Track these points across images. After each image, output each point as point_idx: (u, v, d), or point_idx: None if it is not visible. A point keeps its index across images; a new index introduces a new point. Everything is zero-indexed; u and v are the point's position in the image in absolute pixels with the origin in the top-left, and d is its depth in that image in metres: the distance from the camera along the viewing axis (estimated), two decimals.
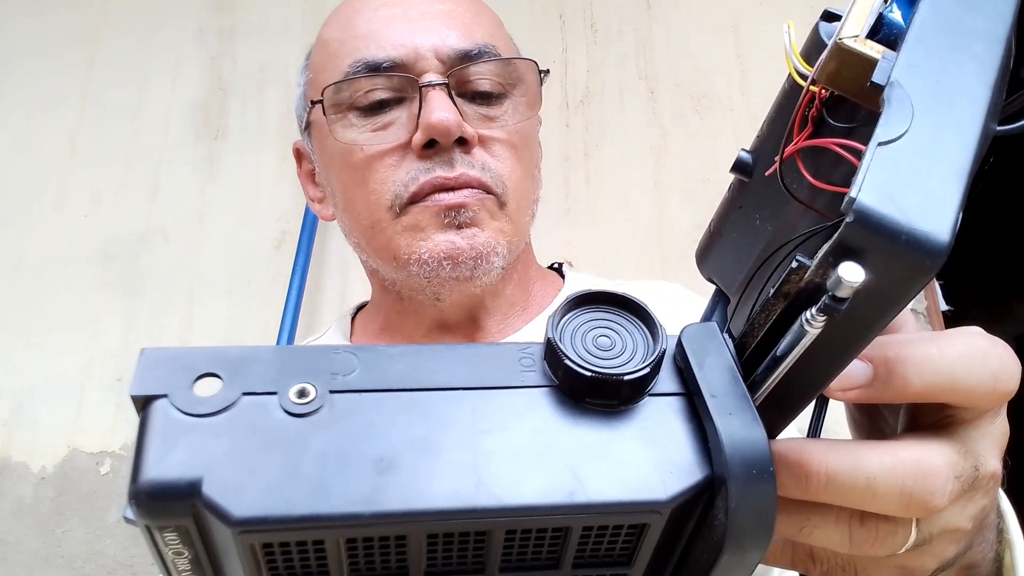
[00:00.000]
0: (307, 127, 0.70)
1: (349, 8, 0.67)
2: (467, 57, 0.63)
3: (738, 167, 0.34)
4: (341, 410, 0.25)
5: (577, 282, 0.78)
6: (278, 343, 1.44)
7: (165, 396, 0.24)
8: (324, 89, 0.64)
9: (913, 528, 0.29)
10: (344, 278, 1.60)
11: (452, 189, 0.62)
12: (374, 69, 0.62)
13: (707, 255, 0.40)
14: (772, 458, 0.25)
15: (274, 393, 0.25)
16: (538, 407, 0.26)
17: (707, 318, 0.40)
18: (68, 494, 1.53)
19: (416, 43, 0.62)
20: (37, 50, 1.87)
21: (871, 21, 0.27)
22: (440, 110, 0.60)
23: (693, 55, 1.65)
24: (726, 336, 0.28)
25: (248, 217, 1.68)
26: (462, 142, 0.62)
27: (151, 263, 1.68)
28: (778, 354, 0.26)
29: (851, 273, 0.22)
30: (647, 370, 0.26)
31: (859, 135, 0.26)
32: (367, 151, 0.63)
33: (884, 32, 0.27)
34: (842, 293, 0.22)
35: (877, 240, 0.22)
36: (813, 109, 0.28)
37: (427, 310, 0.69)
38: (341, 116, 0.63)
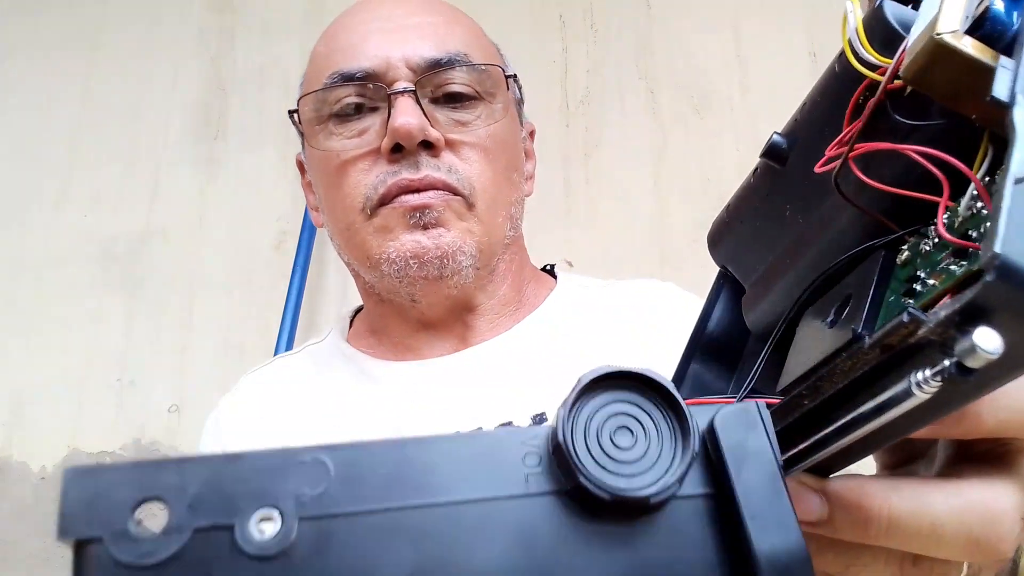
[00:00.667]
0: (302, 138, 0.73)
1: (337, 24, 0.71)
2: (437, 65, 0.65)
3: (771, 153, 0.31)
4: (315, 544, 0.21)
5: (569, 283, 0.79)
6: (278, 343, 1.44)
7: (100, 540, 0.20)
8: (300, 99, 0.69)
9: (966, 564, 0.28)
10: (344, 278, 1.60)
11: (417, 191, 0.64)
12: (348, 79, 0.65)
13: (722, 240, 0.37)
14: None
15: (230, 527, 0.21)
16: (546, 522, 0.22)
17: (712, 303, 0.38)
18: None
19: (389, 54, 0.65)
20: (37, 50, 1.87)
21: (973, 13, 0.22)
22: (404, 115, 0.62)
23: (693, 55, 1.65)
24: (766, 422, 0.24)
25: (248, 217, 1.68)
26: (428, 146, 0.64)
27: (151, 263, 1.68)
28: (861, 413, 0.23)
29: (989, 342, 0.19)
30: (676, 486, 0.22)
31: (925, 134, 0.24)
32: (342, 156, 0.66)
33: (987, 28, 0.22)
34: (974, 363, 0.19)
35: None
36: (875, 98, 0.25)
37: (408, 311, 0.71)
38: (322, 126, 0.67)
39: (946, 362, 0.20)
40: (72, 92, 1.82)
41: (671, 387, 0.24)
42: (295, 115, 0.70)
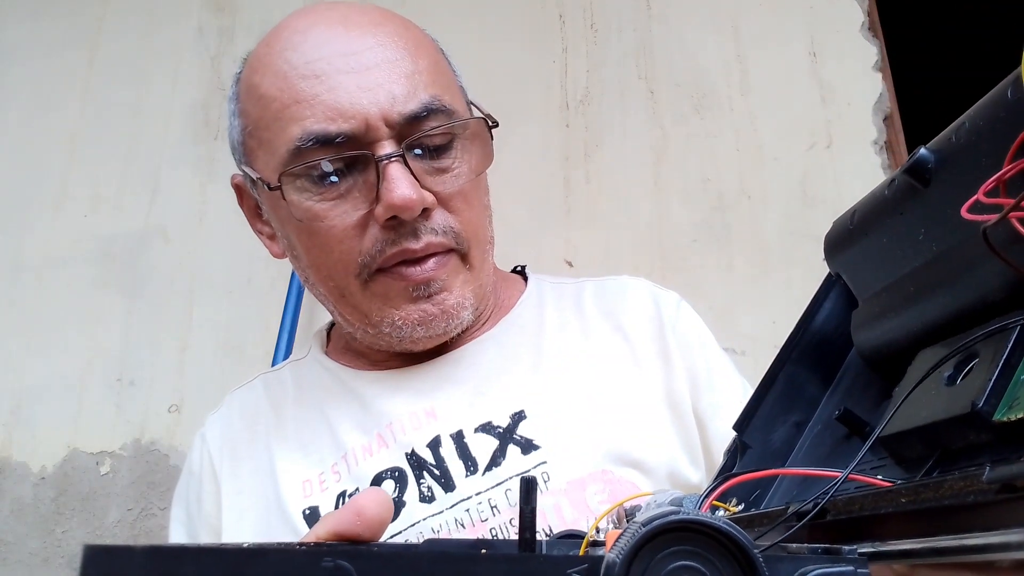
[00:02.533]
0: (246, 164, 0.69)
1: (282, 60, 0.64)
2: (415, 118, 0.62)
3: (915, 171, 0.28)
4: None
5: (541, 283, 0.79)
6: (278, 343, 1.44)
7: None
8: (272, 158, 0.63)
9: None
10: None
11: (418, 259, 0.63)
12: (326, 143, 0.61)
13: (841, 249, 0.35)
14: None
15: None
16: None
17: (817, 304, 0.37)
18: (68, 494, 1.53)
19: (365, 110, 0.60)
20: (37, 50, 1.87)
21: None
22: (401, 188, 0.60)
23: (693, 55, 1.65)
24: None
25: None
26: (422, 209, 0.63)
27: (151, 263, 1.68)
28: (969, 546, 0.20)
29: None
30: None
31: None
32: (329, 221, 0.63)
33: None
34: None
35: None
36: None
37: (395, 346, 0.71)
38: (291, 180, 0.63)
39: None
40: (72, 92, 1.82)
41: (746, 541, 0.20)
42: (246, 168, 0.65)
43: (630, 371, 0.70)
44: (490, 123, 0.67)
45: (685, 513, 0.20)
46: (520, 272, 0.83)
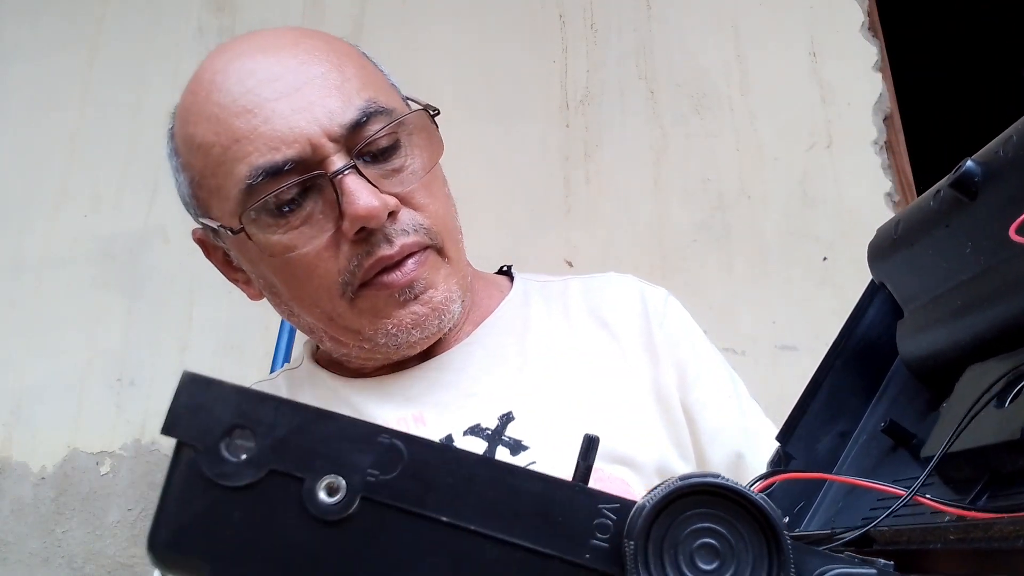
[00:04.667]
0: (203, 216, 0.68)
1: (211, 104, 0.63)
2: (357, 125, 0.61)
3: (961, 184, 0.27)
4: (367, 527, 0.22)
5: (526, 283, 0.78)
6: (277, 343, 1.44)
7: (193, 448, 0.23)
8: (227, 203, 0.63)
9: None
10: None
11: (397, 263, 0.63)
12: (274, 173, 0.60)
13: (886, 257, 0.35)
14: None
15: (302, 479, 0.22)
16: None
17: (860, 312, 0.36)
18: (68, 494, 1.53)
19: (305, 132, 0.59)
20: (37, 50, 1.87)
21: None
22: (362, 198, 0.59)
23: (693, 55, 1.65)
24: None
25: None
26: (389, 214, 0.62)
27: (151, 263, 1.68)
28: None
29: None
30: None
31: None
32: (299, 251, 0.62)
33: None
34: None
35: None
36: None
37: (385, 353, 0.70)
38: (251, 219, 0.62)
39: None
40: (72, 92, 1.82)
41: (766, 505, 0.20)
42: (204, 220, 0.65)
43: (617, 368, 0.70)
44: (431, 112, 0.66)
45: (724, 479, 0.21)
46: (507, 272, 0.82)
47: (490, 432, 0.66)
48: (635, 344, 0.72)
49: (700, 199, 1.53)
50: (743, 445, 0.68)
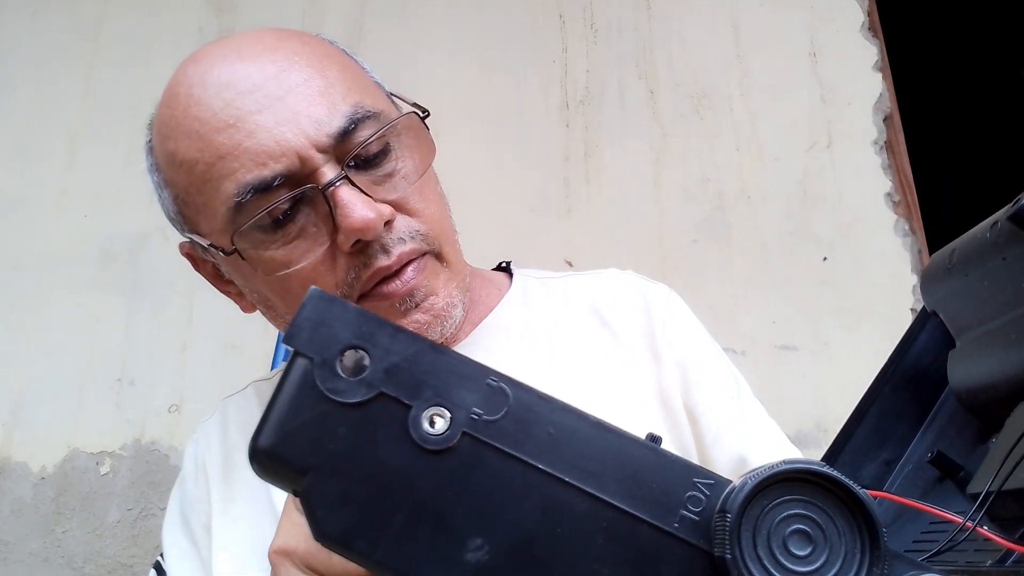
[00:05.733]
0: (191, 232, 0.66)
1: (191, 119, 0.60)
2: (345, 133, 0.59)
3: (1019, 218, 0.28)
4: (465, 461, 0.22)
5: (525, 280, 0.77)
6: (278, 343, 1.44)
7: (310, 359, 0.24)
8: (215, 220, 0.61)
9: None
10: None
11: (395, 272, 0.61)
12: (264, 189, 0.57)
13: (938, 285, 0.35)
14: None
15: (409, 406, 0.23)
16: (674, 570, 0.21)
17: (911, 338, 0.36)
18: (68, 494, 1.53)
19: (292, 144, 0.57)
20: (37, 50, 1.87)
21: None
22: (357, 210, 0.57)
23: (693, 55, 1.65)
24: None
25: None
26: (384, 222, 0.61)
27: (151, 263, 1.68)
28: None
29: None
30: None
31: None
32: (297, 266, 0.60)
33: None
34: None
35: None
36: None
37: None
38: (242, 237, 0.60)
39: None
40: (72, 92, 1.82)
41: (864, 496, 0.20)
42: (192, 236, 0.63)
43: (619, 369, 0.70)
44: (421, 114, 0.64)
45: (828, 468, 0.21)
46: (505, 269, 0.81)
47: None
48: (637, 344, 0.71)
49: (700, 199, 1.53)
50: (746, 448, 0.68)
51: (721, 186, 1.53)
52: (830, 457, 0.36)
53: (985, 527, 0.25)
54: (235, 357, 1.58)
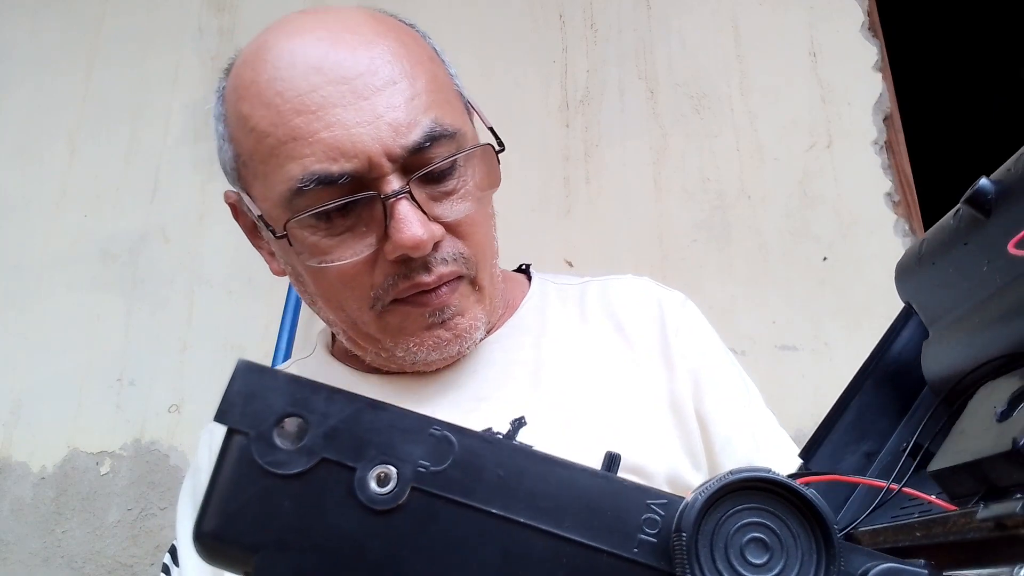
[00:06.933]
0: (243, 191, 0.67)
1: (271, 92, 0.60)
2: (419, 149, 0.59)
3: (975, 201, 0.28)
4: (417, 516, 0.22)
5: (544, 284, 0.78)
6: (277, 343, 1.44)
7: (246, 435, 0.23)
8: (271, 192, 0.61)
9: None
10: None
11: (432, 289, 0.62)
12: (328, 183, 0.58)
13: (910, 277, 0.35)
14: None
15: (354, 468, 0.22)
16: None
17: (892, 335, 0.36)
18: (68, 494, 1.53)
19: (366, 147, 0.57)
20: (37, 50, 1.87)
21: None
22: (411, 227, 0.58)
23: (693, 55, 1.65)
24: None
25: None
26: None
27: (151, 263, 1.68)
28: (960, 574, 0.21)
29: None
30: None
31: None
32: (339, 259, 0.61)
33: None
34: None
35: None
36: None
37: (407, 368, 0.70)
38: (295, 215, 0.61)
39: None
40: (72, 92, 1.82)
41: (817, 501, 0.21)
42: (243, 195, 0.63)
43: (632, 374, 0.70)
44: (496, 148, 0.64)
45: (775, 473, 0.21)
46: (525, 271, 0.82)
47: (502, 437, 0.65)
48: (651, 351, 0.71)
49: (700, 199, 1.53)
50: (756, 456, 0.68)
51: (721, 186, 1.53)
52: (809, 450, 0.37)
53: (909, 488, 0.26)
54: (235, 357, 1.57)
